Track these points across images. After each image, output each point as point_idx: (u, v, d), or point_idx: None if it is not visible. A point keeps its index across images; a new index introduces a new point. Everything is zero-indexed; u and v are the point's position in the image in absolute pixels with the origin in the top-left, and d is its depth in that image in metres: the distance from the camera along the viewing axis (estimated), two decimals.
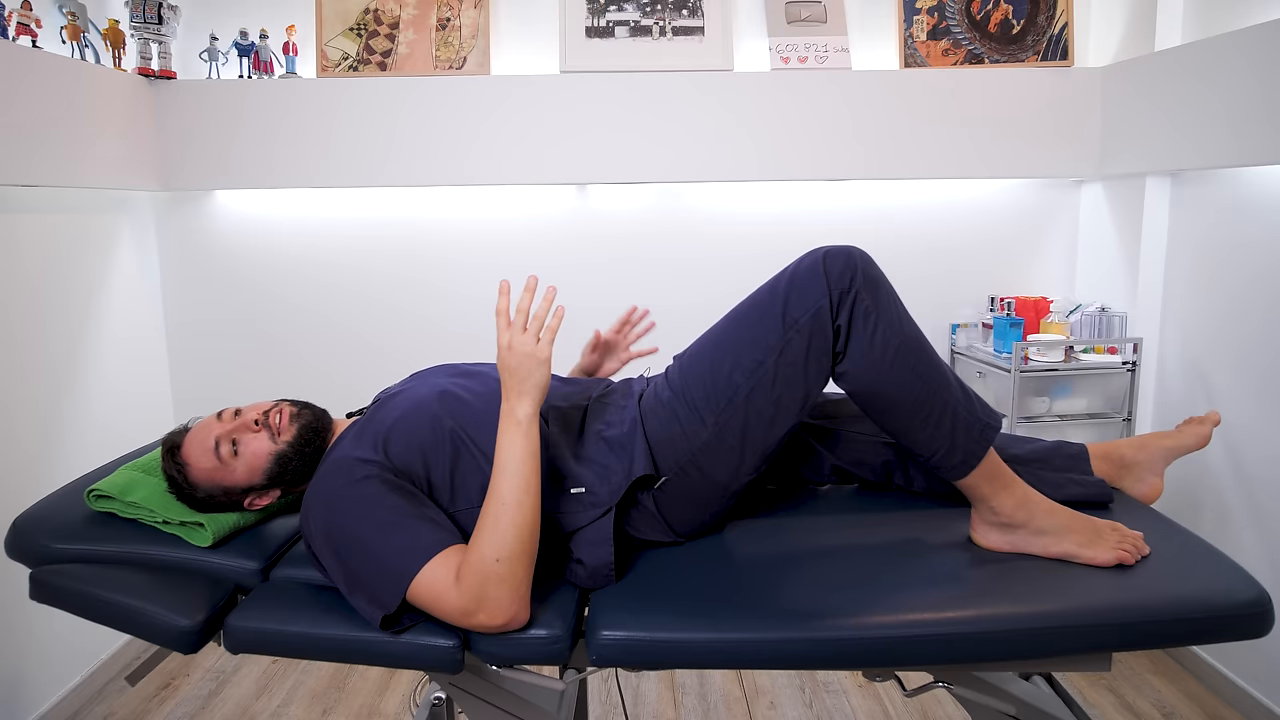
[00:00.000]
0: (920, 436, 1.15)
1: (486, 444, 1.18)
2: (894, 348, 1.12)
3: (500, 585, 1.03)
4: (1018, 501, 1.16)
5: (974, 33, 2.46)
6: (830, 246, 1.17)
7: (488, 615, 1.03)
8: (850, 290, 1.12)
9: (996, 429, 1.17)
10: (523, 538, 1.05)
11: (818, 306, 1.12)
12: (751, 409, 1.16)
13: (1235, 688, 2.04)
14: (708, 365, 1.19)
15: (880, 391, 1.14)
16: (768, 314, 1.15)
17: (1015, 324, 2.36)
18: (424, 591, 1.04)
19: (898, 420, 1.16)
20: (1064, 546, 1.15)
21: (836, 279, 1.12)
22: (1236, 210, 2.04)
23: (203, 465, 1.21)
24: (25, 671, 1.99)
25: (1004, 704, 1.24)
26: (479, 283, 2.58)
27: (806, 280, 1.14)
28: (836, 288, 1.12)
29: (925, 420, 1.14)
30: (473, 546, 1.05)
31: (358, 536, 1.08)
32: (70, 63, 2.01)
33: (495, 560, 1.03)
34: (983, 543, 1.20)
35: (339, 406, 1.42)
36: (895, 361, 1.12)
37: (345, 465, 1.15)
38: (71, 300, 2.18)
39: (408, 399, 1.24)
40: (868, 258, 1.16)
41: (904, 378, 1.12)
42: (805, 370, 1.14)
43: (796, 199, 2.56)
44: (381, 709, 2.13)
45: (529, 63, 2.48)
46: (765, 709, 2.10)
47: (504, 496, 1.07)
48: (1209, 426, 1.36)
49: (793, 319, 1.13)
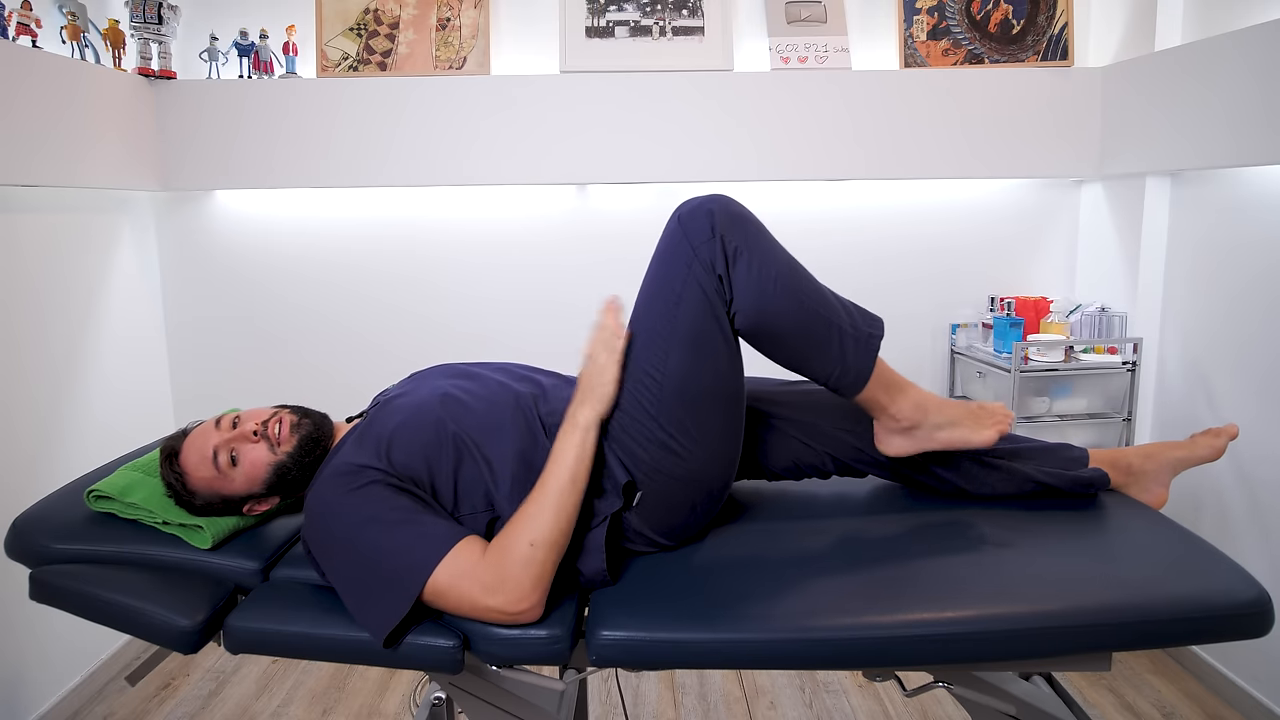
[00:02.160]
0: (814, 363, 1.15)
1: (488, 447, 1.18)
2: (771, 278, 1.10)
3: (527, 569, 1.04)
4: (914, 404, 1.20)
5: (974, 33, 2.46)
6: (682, 205, 1.13)
7: (507, 596, 1.03)
8: (714, 237, 1.09)
9: (880, 335, 1.17)
10: (560, 528, 1.07)
11: (690, 270, 1.10)
12: (682, 399, 1.14)
13: (1235, 688, 2.04)
14: (630, 372, 1.16)
15: (769, 324, 1.12)
16: (654, 300, 1.14)
17: (1015, 324, 2.36)
18: (445, 579, 1.04)
19: (790, 350, 1.15)
20: (958, 434, 1.20)
21: (696, 233, 1.10)
22: (1236, 210, 2.04)
23: (201, 474, 1.21)
24: (25, 671, 1.99)
25: (1004, 704, 1.24)
26: (479, 282, 2.58)
27: (672, 248, 1.12)
28: (700, 241, 1.09)
29: (816, 345, 1.13)
30: (507, 530, 1.07)
31: (367, 541, 1.07)
32: (70, 63, 2.01)
33: (529, 544, 1.05)
34: (889, 451, 1.23)
35: (339, 407, 1.42)
36: (777, 291, 1.10)
37: (347, 472, 1.14)
38: (72, 300, 2.18)
39: (409, 403, 1.23)
40: (724, 199, 1.13)
41: (788, 305, 1.11)
42: (710, 335, 1.12)
43: (796, 199, 2.56)
44: (381, 709, 2.13)
45: (529, 63, 2.48)
46: (765, 709, 2.10)
47: (550, 487, 1.09)
48: (1224, 440, 1.31)
49: (675, 294, 1.11)
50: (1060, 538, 1.21)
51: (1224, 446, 1.32)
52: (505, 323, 2.60)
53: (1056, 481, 1.30)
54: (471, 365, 1.37)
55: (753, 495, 1.40)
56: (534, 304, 2.59)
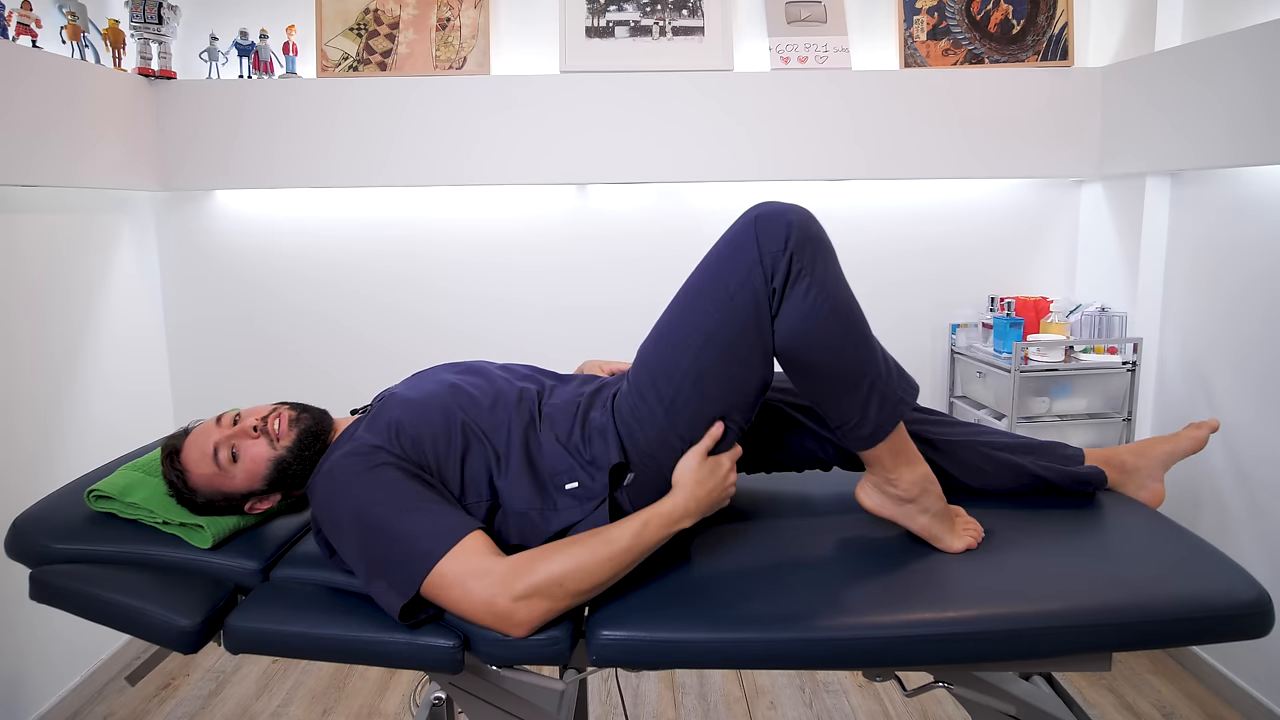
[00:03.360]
0: (835, 403, 1.13)
1: (495, 437, 1.20)
2: (825, 310, 1.07)
3: (543, 602, 1.03)
4: (918, 478, 1.18)
5: (974, 33, 2.46)
6: (763, 206, 1.10)
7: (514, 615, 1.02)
8: (785, 251, 1.06)
9: (911, 404, 1.15)
10: (597, 586, 1.06)
11: (750, 274, 1.07)
12: (699, 398, 1.13)
13: (1235, 688, 2.04)
14: (654, 352, 1.15)
15: (806, 353, 1.09)
16: (705, 292, 1.11)
17: (1015, 324, 2.36)
18: (450, 574, 1.03)
19: (817, 384, 1.13)
20: (937, 530, 1.18)
21: (769, 242, 1.07)
22: (1236, 210, 2.04)
23: (202, 471, 1.21)
24: (25, 671, 1.99)
25: (1004, 704, 1.24)
26: (479, 282, 2.58)
27: (739, 247, 1.09)
28: (770, 251, 1.06)
29: (844, 387, 1.11)
30: (549, 555, 1.05)
31: (380, 521, 1.08)
32: (70, 63, 2.01)
33: (560, 582, 1.03)
34: (865, 503, 1.22)
35: (339, 406, 1.42)
36: (825, 323, 1.07)
37: (361, 451, 1.15)
38: (72, 300, 2.18)
39: (417, 394, 1.26)
40: (806, 215, 1.10)
41: (831, 341, 1.09)
42: (747, 344, 1.09)
43: (797, 199, 2.55)
44: (381, 709, 2.13)
45: (529, 63, 2.48)
46: (765, 709, 2.10)
47: (618, 548, 1.06)
48: (1205, 431, 1.36)
49: (728, 293, 1.08)
50: (1060, 537, 1.21)
51: (1205, 437, 1.36)
52: (505, 323, 2.60)
53: (1054, 477, 1.31)
54: (475, 362, 1.40)
55: (752, 495, 1.40)
56: (534, 304, 2.59)
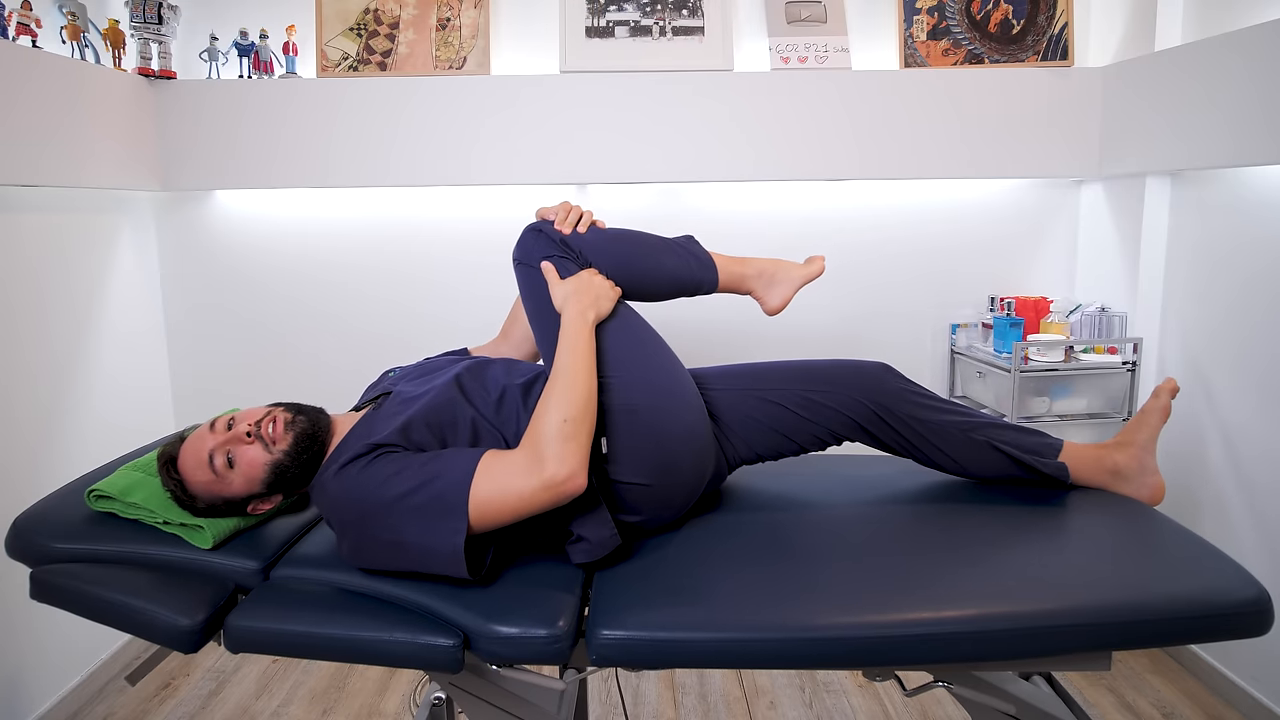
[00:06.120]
0: (674, 274, 1.42)
1: (505, 427, 1.25)
2: (608, 236, 1.39)
3: (567, 442, 1.10)
4: (759, 270, 1.48)
5: (974, 33, 2.46)
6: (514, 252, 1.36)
7: (552, 470, 1.09)
8: (557, 242, 1.34)
9: (706, 260, 1.44)
10: (588, 403, 1.16)
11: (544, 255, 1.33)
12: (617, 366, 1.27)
13: (1235, 688, 2.04)
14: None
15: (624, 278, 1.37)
16: (532, 296, 1.34)
17: (1015, 324, 2.36)
18: (486, 490, 1.09)
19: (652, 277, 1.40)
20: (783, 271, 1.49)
21: (540, 250, 1.34)
22: (1236, 210, 2.04)
23: (199, 479, 1.21)
24: (25, 671, 1.99)
25: (1004, 704, 1.24)
26: (479, 282, 2.58)
27: (528, 277, 1.35)
28: (546, 251, 1.33)
29: (667, 265, 1.41)
30: (537, 416, 1.14)
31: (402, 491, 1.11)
32: (70, 63, 2.01)
33: (563, 420, 1.12)
34: (773, 303, 1.48)
35: (339, 406, 1.42)
36: (612, 246, 1.38)
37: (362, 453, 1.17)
38: (72, 300, 2.18)
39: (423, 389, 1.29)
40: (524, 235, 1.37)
41: (625, 250, 1.39)
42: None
43: (796, 199, 2.56)
44: (381, 709, 2.13)
45: (529, 63, 2.48)
46: (765, 709, 2.10)
47: (567, 367, 1.19)
48: (1166, 397, 1.38)
49: (529, 269, 1.35)
50: (1060, 537, 1.21)
51: (1167, 403, 1.39)
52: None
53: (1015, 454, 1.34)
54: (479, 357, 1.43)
55: (752, 496, 1.41)
56: None
